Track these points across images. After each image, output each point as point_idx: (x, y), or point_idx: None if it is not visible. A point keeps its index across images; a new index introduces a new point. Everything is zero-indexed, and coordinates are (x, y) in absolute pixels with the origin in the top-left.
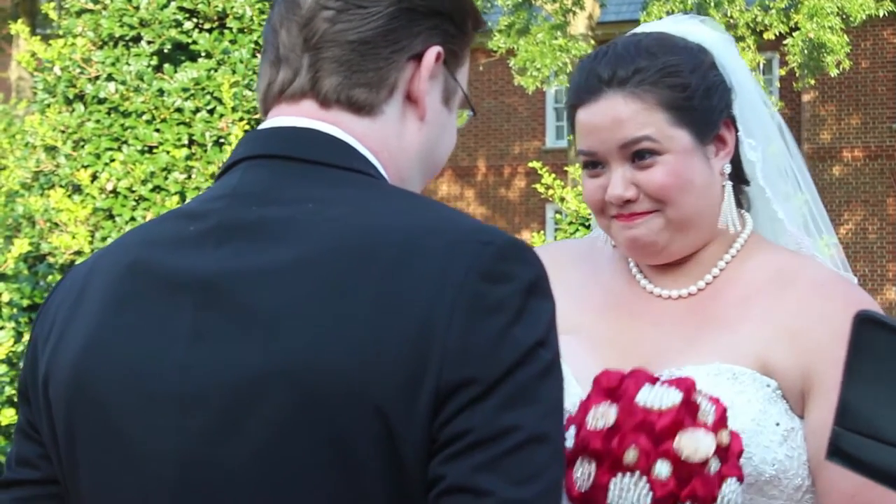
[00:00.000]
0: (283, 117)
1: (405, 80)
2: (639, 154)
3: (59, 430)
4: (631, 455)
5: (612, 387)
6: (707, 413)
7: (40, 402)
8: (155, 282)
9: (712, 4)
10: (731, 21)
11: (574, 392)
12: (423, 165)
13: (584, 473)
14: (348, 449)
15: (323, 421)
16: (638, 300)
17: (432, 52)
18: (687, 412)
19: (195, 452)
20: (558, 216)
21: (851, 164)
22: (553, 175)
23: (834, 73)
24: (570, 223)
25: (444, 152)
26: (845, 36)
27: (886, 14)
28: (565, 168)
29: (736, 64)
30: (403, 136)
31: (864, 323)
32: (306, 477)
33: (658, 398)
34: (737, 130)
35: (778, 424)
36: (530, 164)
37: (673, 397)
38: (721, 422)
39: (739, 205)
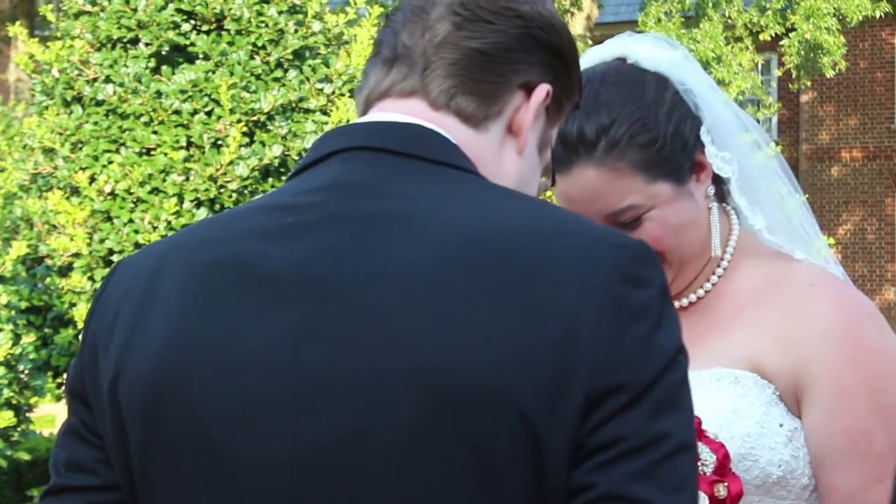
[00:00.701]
0: (386, 113)
1: (512, 108)
2: (625, 221)
3: (132, 434)
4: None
5: None
6: (707, 463)
7: (104, 403)
8: (250, 276)
9: (710, 5)
10: (729, 22)
11: None
12: None
13: None
14: (488, 452)
15: (459, 423)
16: None
17: (543, 88)
18: (723, 471)
19: (313, 457)
20: None
21: (850, 165)
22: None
23: (830, 73)
24: None
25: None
26: (842, 37)
27: (883, 15)
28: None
29: (698, 82)
30: (502, 162)
31: None
32: (443, 480)
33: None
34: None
35: (781, 426)
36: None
37: (711, 459)
38: (721, 469)
39: (725, 200)
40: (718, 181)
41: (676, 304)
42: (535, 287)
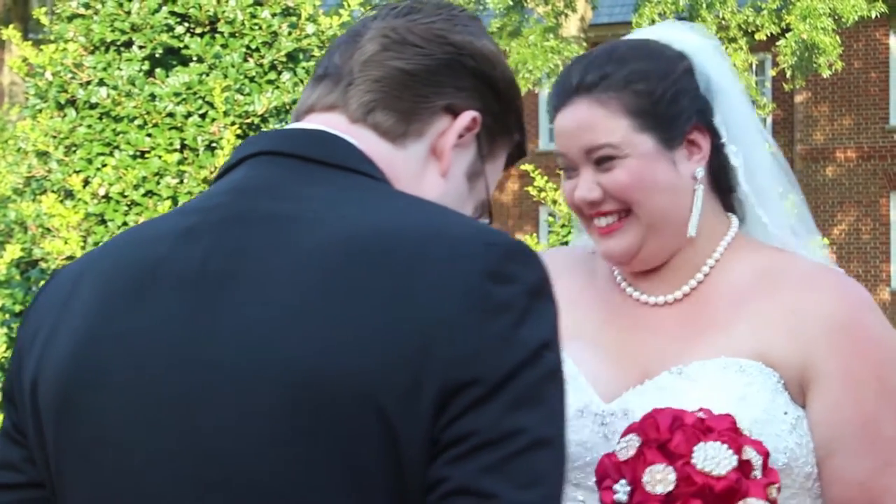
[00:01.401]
0: (301, 123)
1: (436, 130)
2: (601, 159)
3: (48, 434)
4: None
5: (663, 441)
6: (756, 466)
7: (27, 406)
8: (155, 277)
9: (704, 6)
10: (724, 22)
11: (586, 391)
12: None
13: None
14: (350, 449)
15: (323, 420)
16: (630, 310)
17: (469, 114)
18: (742, 473)
19: (203, 452)
20: (550, 219)
21: (844, 165)
22: (545, 177)
23: (826, 73)
24: (563, 226)
25: None
26: (837, 37)
27: (878, 15)
28: (558, 170)
29: (720, 70)
30: (422, 181)
31: None
32: (310, 476)
33: (715, 461)
34: (715, 136)
35: (786, 413)
36: (523, 167)
37: (730, 460)
38: (768, 470)
39: (731, 209)
40: (720, 184)
41: (671, 296)
42: (403, 285)
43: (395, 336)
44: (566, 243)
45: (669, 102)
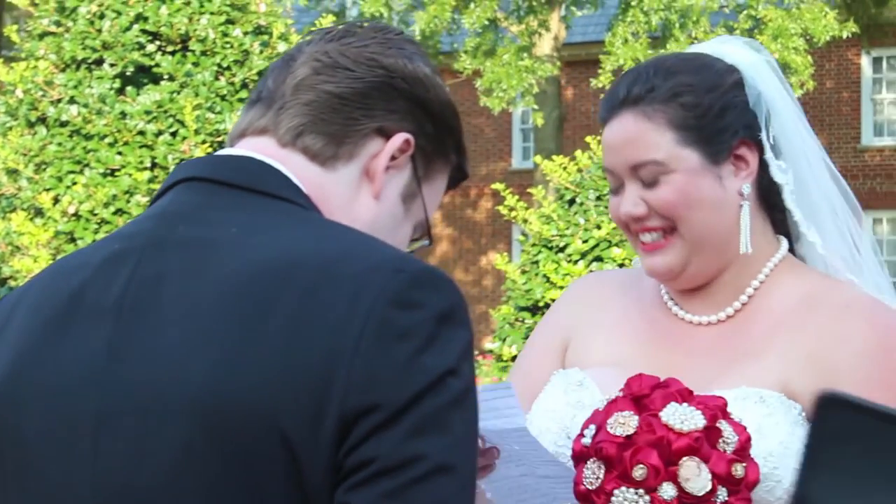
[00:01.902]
0: (234, 149)
1: (368, 153)
2: (646, 175)
3: None
4: (639, 472)
5: (641, 395)
6: (729, 442)
7: None
8: (78, 304)
9: (677, 25)
10: (696, 41)
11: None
12: None
13: (593, 474)
14: (254, 474)
15: (229, 446)
16: (673, 328)
17: (401, 136)
18: (707, 438)
19: (111, 476)
20: (521, 238)
21: None
22: (517, 196)
23: (798, 93)
24: (533, 245)
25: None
26: (809, 57)
27: (850, 35)
28: (528, 190)
29: (771, 85)
30: (354, 204)
31: (826, 403)
32: (213, 502)
33: (681, 418)
34: (762, 152)
35: None
36: (494, 186)
37: (697, 420)
38: (742, 451)
39: (782, 231)
40: (770, 203)
41: (714, 317)
42: (308, 311)
43: (298, 361)
44: (536, 262)
45: (716, 116)
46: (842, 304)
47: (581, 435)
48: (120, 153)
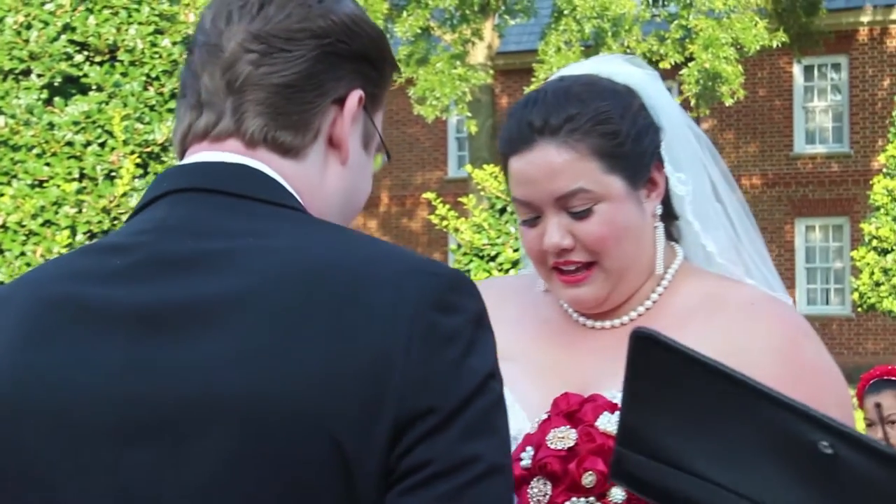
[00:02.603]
0: (208, 153)
1: (328, 123)
2: (573, 205)
3: None
4: (589, 479)
5: (572, 410)
6: None
7: None
8: (82, 314)
9: (609, 34)
10: (628, 51)
11: (520, 417)
12: (343, 210)
13: (539, 492)
14: (302, 481)
15: (274, 452)
16: (573, 330)
17: (355, 96)
18: None
19: (135, 488)
20: (454, 247)
21: (750, 192)
22: (447, 206)
23: (729, 102)
24: (465, 254)
25: (363, 196)
26: (740, 66)
27: (780, 44)
28: (459, 199)
29: (663, 100)
30: (325, 180)
31: (640, 341)
32: None
33: (616, 424)
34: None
35: None
36: (424, 196)
37: None
38: None
39: (671, 237)
40: (667, 213)
41: (617, 321)
42: (349, 315)
43: (345, 367)
44: (468, 271)
45: (634, 142)
46: (747, 302)
47: (518, 458)
48: (48, 164)
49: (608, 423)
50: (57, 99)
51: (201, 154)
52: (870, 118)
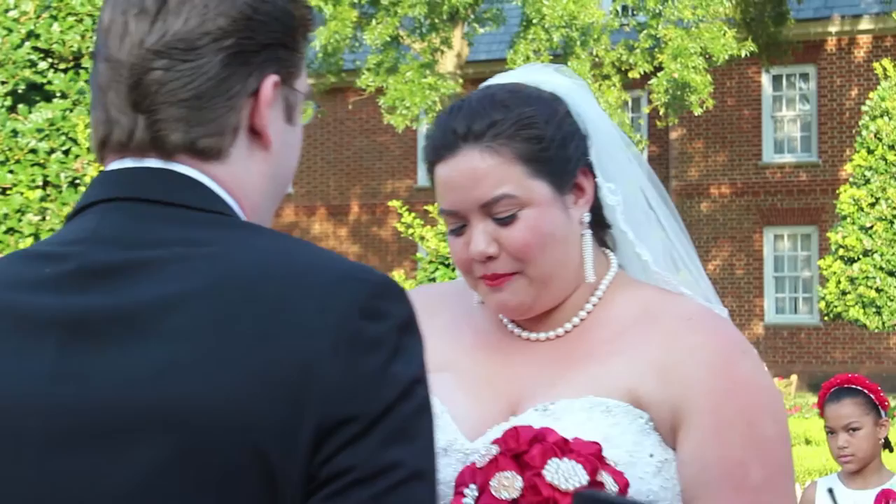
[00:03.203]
0: (131, 160)
1: (246, 117)
2: (498, 211)
3: None
4: None
5: (521, 452)
6: (611, 487)
7: None
8: (11, 322)
9: (578, 43)
10: (597, 60)
11: (450, 429)
12: (273, 191)
13: None
14: (227, 489)
15: (201, 461)
16: (509, 342)
17: (269, 85)
18: None
19: (60, 497)
20: (419, 255)
21: (719, 201)
22: (413, 214)
23: (698, 111)
24: (430, 262)
25: (292, 169)
26: (708, 76)
27: (749, 54)
28: (425, 207)
29: (591, 109)
30: (251, 171)
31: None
32: None
33: (564, 476)
34: (594, 176)
35: (652, 456)
36: (390, 204)
37: (580, 476)
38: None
39: (605, 245)
40: (598, 222)
41: (552, 333)
42: (276, 324)
43: (269, 375)
44: (434, 279)
45: (559, 147)
46: (683, 317)
47: (461, 495)
48: (11, 171)
49: (556, 472)
50: (21, 106)
51: (125, 161)
52: (837, 128)
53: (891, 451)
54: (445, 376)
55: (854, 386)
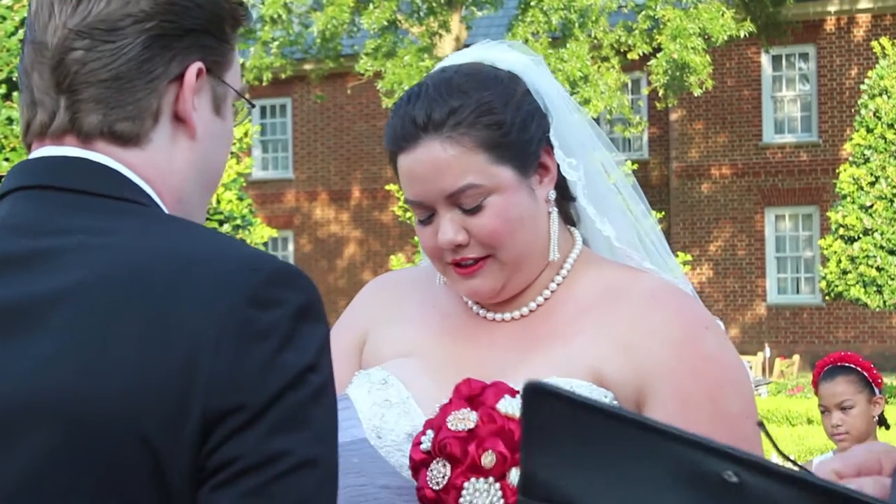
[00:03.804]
0: (50, 147)
1: (169, 103)
2: (464, 201)
3: None
4: (488, 459)
5: (473, 395)
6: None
7: None
8: None
9: (576, 25)
10: (596, 42)
11: (415, 414)
12: (201, 182)
13: (438, 474)
14: (114, 480)
15: (89, 451)
16: (474, 324)
17: (192, 71)
18: None
19: None
20: (416, 239)
21: (720, 182)
22: None
23: (697, 92)
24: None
25: (221, 162)
26: (708, 56)
27: (748, 34)
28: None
29: (548, 85)
30: (174, 158)
31: (531, 393)
32: None
33: (517, 408)
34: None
35: None
36: (388, 188)
37: None
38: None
39: (570, 221)
40: (563, 196)
41: (517, 313)
42: (166, 314)
43: (158, 365)
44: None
45: (520, 129)
46: (647, 295)
47: (418, 443)
48: (7, 159)
49: (509, 405)
50: (15, 94)
51: (44, 150)
52: (837, 107)
53: (887, 428)
54: (411, 361)
55: (847, 364)
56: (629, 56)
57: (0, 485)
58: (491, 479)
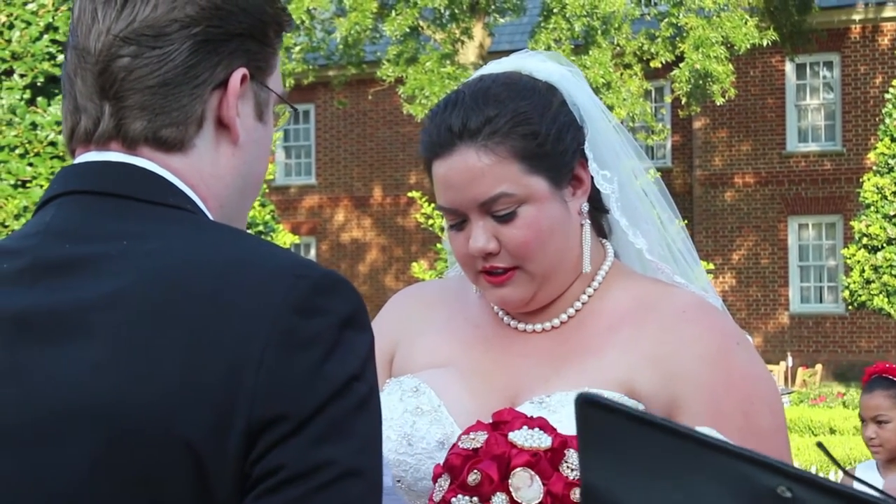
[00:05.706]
0: (95, 153)
1: (213, 108)
2: (497, 210)
3: None
4: (472, 477)
5: (500, 421)
6: (573, 468)
7: None
8: None
9: (599, 32)
10: (618, 49)
11: (447, 423)
12: (243, 188)
13: (440, 487)
14: (158, 488)
15: (133, 458)
16: (504, 334)
17: (237, 76)
18: (550, 459)
19: (6, 494)
20: (439, 245)
21: (743, 190)
22: (433, 205)
23: (720, 101)
24: (451, 252)
25: (263, 168)
26: (730, 65)
27: (770, 43)
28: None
29: (585, 97)
30: (218, 163)
31: (585, 406)
32: None
33: (527, 438)
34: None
35: None
36: (410, 195)
37: (542, 441)
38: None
39: (602, 234)
40: (596, 208)
41: (548, 324)
42: (210, 321)
43: (202, 372)
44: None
45: (555, 140)
46: (678, 310)
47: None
48: (31, 164)
49: (520, 435)
50: (40, 99)
51: (88, 155)
52: (862, 116)
53: None
54: (444, 371)
55: (888, 376)
56: (652, 64)
57: (46, 491)
58: (475, 498)
